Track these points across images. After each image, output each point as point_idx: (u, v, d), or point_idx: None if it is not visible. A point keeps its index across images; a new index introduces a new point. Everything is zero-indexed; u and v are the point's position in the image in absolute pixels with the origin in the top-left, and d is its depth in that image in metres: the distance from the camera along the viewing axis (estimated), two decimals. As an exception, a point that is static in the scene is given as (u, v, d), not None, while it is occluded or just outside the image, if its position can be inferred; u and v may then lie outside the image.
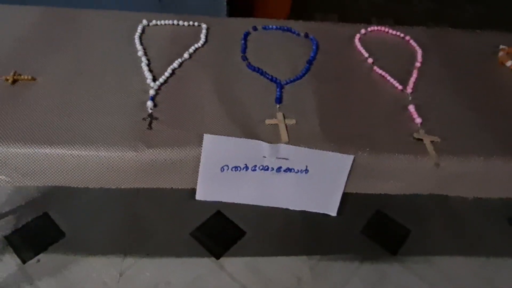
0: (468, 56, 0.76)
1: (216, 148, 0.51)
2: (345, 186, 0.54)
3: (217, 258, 1.07)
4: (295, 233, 1.17)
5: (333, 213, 0.56)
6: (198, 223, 1.17)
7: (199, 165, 0.52)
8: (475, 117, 0.62)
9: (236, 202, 0.55)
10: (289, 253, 1.19)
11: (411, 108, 0.60)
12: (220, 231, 1.16)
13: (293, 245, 1.18)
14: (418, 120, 0.58)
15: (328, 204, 0.55)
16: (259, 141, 0.52)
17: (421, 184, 0.56)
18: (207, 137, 0.50)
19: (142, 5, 1.50)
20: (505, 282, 1.16)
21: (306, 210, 0.56)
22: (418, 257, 1.24)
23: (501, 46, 0.77)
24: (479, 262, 1.23)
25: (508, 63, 0.73)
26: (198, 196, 0.53)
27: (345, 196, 0.56)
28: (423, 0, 2.56)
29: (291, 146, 0.53)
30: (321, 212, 0.56)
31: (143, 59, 0.65)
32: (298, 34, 0.76)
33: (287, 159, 0.53)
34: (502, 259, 1.22)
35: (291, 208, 0.56)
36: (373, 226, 1.22)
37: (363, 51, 0.73)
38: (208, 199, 0.54)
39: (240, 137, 0.53)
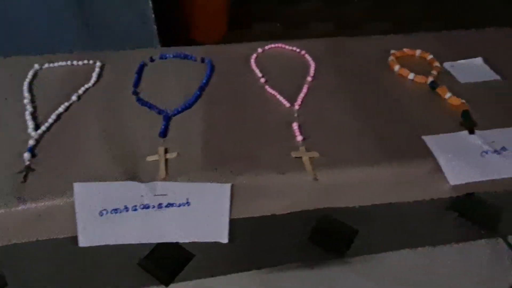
0: (361, 63, 0.79)
1: (89, 195, 0.51)
2: (231, 212, 0.55)
3: (166, 285, 1.06)
4: (244, 249, 1.18)
5: (224, 240, 0.56)
6: (145, 252, 1.16)
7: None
8: (362, 125, 0.64)
9: (123, 243, 0.54)
10: (239, 270, 1.19)
11: (295, 125, 0.62)
12: (168, 257, 1.15)
13: (242, 262, 1.18)
14: (299, 138, 0.60)
15: (217, 232, 0.55)
16: (134, 182, 0.52)
17: (306, 200, 0.57)
18: (77, 186, 0.50)
19: (70, 32, 1.49)
20: (446, 267, 1.19)
21: (196, 241, 0.56)
22: (365, 256, 1.27)
23: (391, 51, 0.81)
24: (422, 252, 1.26)
25: (396, 68, 0.76)
26: (81, 243, 0.52)
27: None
28: (365, 4, 2.64)
29: (168, 182, 0.53)
30: (212, 240, 0.56)
31: (28, 107, 0.64)
32: (195, 59, 0.77)
33: (166, 195, 0.53)
34: (442, 245, 1.26)
35: (180, 241, 0.56)
36: (320, 231, 1.23)
37: (257, 70, 0.75)
38: (93, 245, 0.53)
39: (121, 178, 0.53)
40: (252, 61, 0.77)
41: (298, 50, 0.81)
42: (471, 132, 0.62)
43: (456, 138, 0.61)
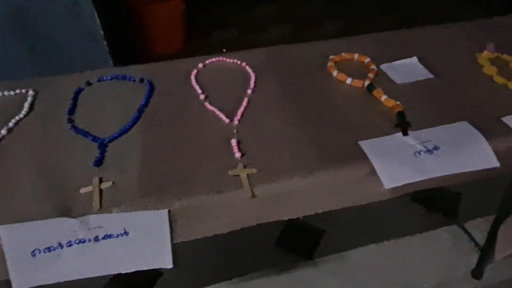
0: (301, 71, 0.79)
1: (18, 236, 0.49)
2: (172, 237, 0.54)
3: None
4: (212, 261, 1.17)
5: (169, 265, 0.55)
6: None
7: (5, 255, 0.49)
8: (301, 134, 0.64)
9: (62, 280, 0.53)
10: (209, 283, 1.18)
11: (233, 142, 0.62)
12: (136, 277, 1.12)
13: (212, 274, 1.18)
14: (238, 154, 0.60)
15: (160, 259, 0.54)
16: (65, 218, 0.51)
17: (246, 217, 0.57)
18: (3, 229, 0.48)
19: (15, 57, 1.44)
20: (411, 257, 1.22)
21: (139, 269, 0.55)
22: (333, 255, 1.29)
23: (330, 56, 0.82)
24: (388, 245, 1.30)
25: (334, 73, 0.77)
26: (15, 286, 0.50)
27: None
28: (322, 3, 2.68)
29: (102, 214, 0.52)
30: (156, 267, 0.55)
31: (-46, 146, 0.62)
32: (134, 80, 0.76)
33: (102, 227, 0.52)
34: (406, 237, 1.29)
35: (123, 271, 0.55)
36: (288, 235, 1.24)
37: (197, 87, 0.74)
38: (30, 286, 0.51)
39: (53, 214, 0.51)
40: (192, 77, 0.77)
41: (238, 62, 0.81)
42: (405, 133, 0.63)
43: (391, 140, 0.63)
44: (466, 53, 0.84)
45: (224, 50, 2.37)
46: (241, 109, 0.69)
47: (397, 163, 0.59)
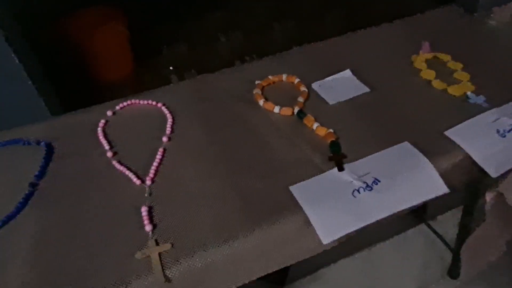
0: (226, 103, 0.70)
1: None
2: None
3: None
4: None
5: None
6: None
7: None
8: (223, 188, 0.55)
9: None
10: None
11: (144, 210, 0.52)
12: None
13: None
14: (149, 228, 0.50)
15: None
16: None
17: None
18: None
19: None
20: (386, 265, 1.17)
21: None
22: (305, 278, 1.22)
23: (256, 82, 0.73)
24: (360, 257, 1.24)
25: (261, 102, 0.69)
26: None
27: None
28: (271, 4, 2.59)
29: None
30: None
31: None
32: (30, 143, 0.65)
33: None
34: (376, 245, 1.24)
35: None
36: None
37: (104, 142, 0.64)
38: None
39: None
40: (99, 130, 0.66)
41: (154, 103, 0.71)
42: (340, 168, 0.56)
43: (325, 179, 0.55)
44: (402, 57, 0.77)
45: (171, 68, 2.24)
46: (155, 164, 0.59)
47: (334, 210, 0.51)
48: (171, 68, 2.19)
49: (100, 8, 1.91)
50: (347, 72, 0.74)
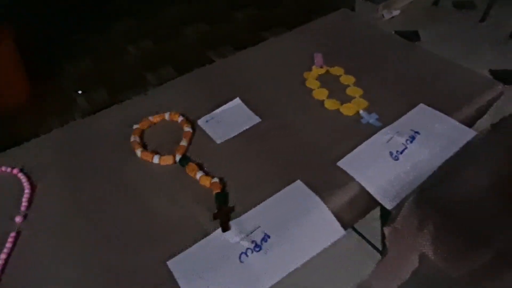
0: (100, 156, 0.60)
1: None
2: None
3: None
4: None
5: None
6: None
7: None
8: (88, 280, 0.46)
9: None
10: None
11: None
12: None
13: None
14: None
15: None
16: None
17: None
18: None
19: None
20: (320, 273, 1.13)
21: None
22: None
23: (134, 126, 0.64)
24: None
25: (138, 152, 0.59)
26: None
27: None
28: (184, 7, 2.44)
29: None
30: None
31: None
32: None
33: None
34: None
35: None
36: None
37: None
38: None
39: None
40: None
41: (8, 169, 0.59)
42: (225, 227, 0.49)
43: (208, 246, 0.47)
44: (294, 75, 0.71)
45: (79, 92, 2.03)
46: (3, 256, 0.48)
47: (218, 285, 0.44)
48: (80, 92, 1.99)
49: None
50: (237, 101, 0.67)
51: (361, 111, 0.63)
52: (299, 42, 0.80)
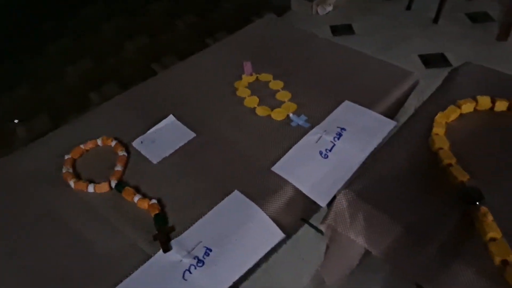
0: (28, 194, 0.57)
1: None
2: None
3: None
4: None
5: None
6: None
7: None
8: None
9: None
10: None
11: None
12: None
13: None
14: None
15: None
16: None
17: None
18: None
19: None
20: (285, 271, 1.16)
21: None
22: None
23: (65, 156, 0.62)
24: (261, 269, 1.23)
25: (72, 184, 0.58)
26: None
27: None
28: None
29: None
30: None
31: None
32: None
33: None
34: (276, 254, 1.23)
35: None
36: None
37: None
38: None
39: None
40: None
41: None
42: (166, 248, 0.49)
43: (150, 269, 0.47)
44: (225, 85, 0.73)
45: (16, 121, 1.91)
46: None
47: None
48: (16, 121, 1.88)
49: None
50: (170, 118, 0.67)
51: (290, 115, 0.65)
52: (228, 53, 0.82)
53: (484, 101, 0.59)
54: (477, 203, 0.48)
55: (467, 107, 0.59)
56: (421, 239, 0.47)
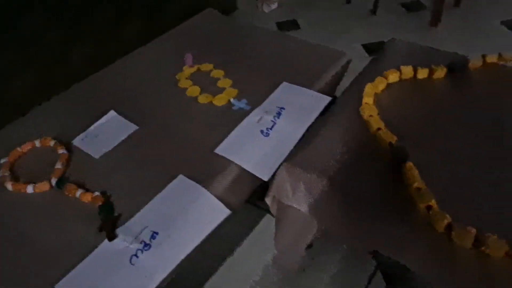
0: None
1: None
2: None
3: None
4: None
5: None
6: None
7: None
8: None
9: None
10: None
11: None
12: None
13: None
14: None
15: None
16: None
17: None
18: None
19: None
20: (251, 262, 1.17)
21: None
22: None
23: (2, 160, 0.59)
24: (228, 263, 1.23)
25: (9, 187, 0.55)
26: None
27: None
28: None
29: None
30: None
31: None
32: None
33: None
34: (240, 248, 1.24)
35: None
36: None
37: None
38: None
39: None
40: None
41: None
42: (111, 236, 0.49)
43: (97, 258, 0.46)
44: (167, 77, 0.73)
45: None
46: None
47: (110, 293, 0.44)
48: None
49: None
50: (112, 113, 0.66)
51: (232, 99, 0.67)
52: (169, 46, 0.83)
53: (407, 70, 0.64)
54: (405, 160, 0.52)
55: (393, 77, 0.64)
56: (357, 200, 0.50)
